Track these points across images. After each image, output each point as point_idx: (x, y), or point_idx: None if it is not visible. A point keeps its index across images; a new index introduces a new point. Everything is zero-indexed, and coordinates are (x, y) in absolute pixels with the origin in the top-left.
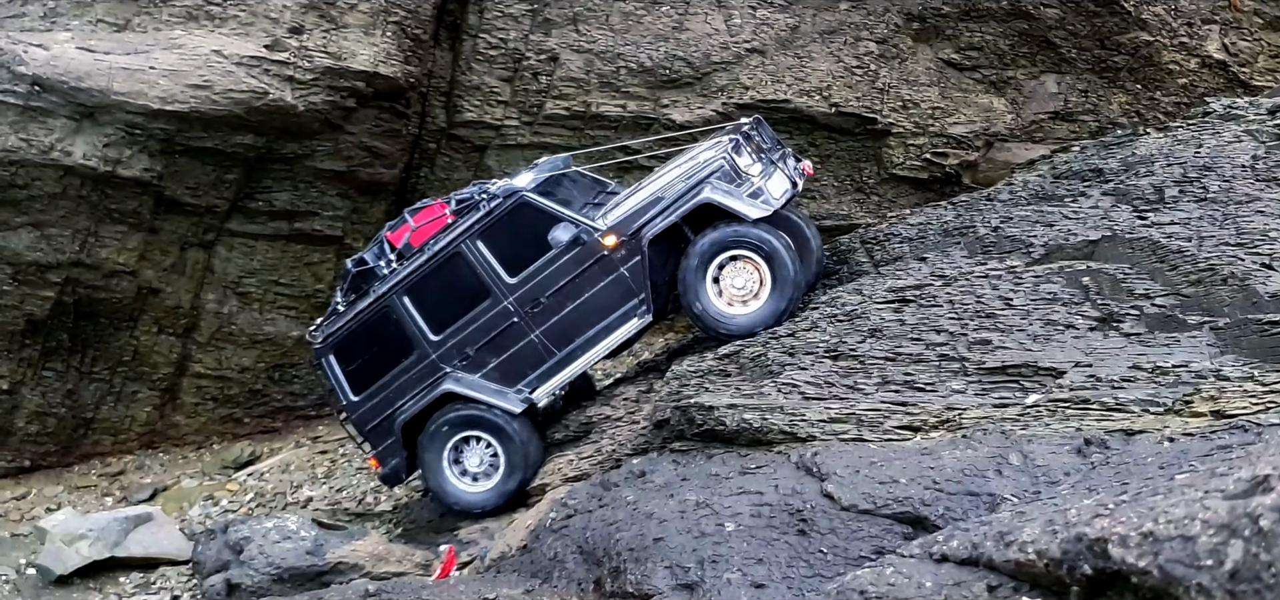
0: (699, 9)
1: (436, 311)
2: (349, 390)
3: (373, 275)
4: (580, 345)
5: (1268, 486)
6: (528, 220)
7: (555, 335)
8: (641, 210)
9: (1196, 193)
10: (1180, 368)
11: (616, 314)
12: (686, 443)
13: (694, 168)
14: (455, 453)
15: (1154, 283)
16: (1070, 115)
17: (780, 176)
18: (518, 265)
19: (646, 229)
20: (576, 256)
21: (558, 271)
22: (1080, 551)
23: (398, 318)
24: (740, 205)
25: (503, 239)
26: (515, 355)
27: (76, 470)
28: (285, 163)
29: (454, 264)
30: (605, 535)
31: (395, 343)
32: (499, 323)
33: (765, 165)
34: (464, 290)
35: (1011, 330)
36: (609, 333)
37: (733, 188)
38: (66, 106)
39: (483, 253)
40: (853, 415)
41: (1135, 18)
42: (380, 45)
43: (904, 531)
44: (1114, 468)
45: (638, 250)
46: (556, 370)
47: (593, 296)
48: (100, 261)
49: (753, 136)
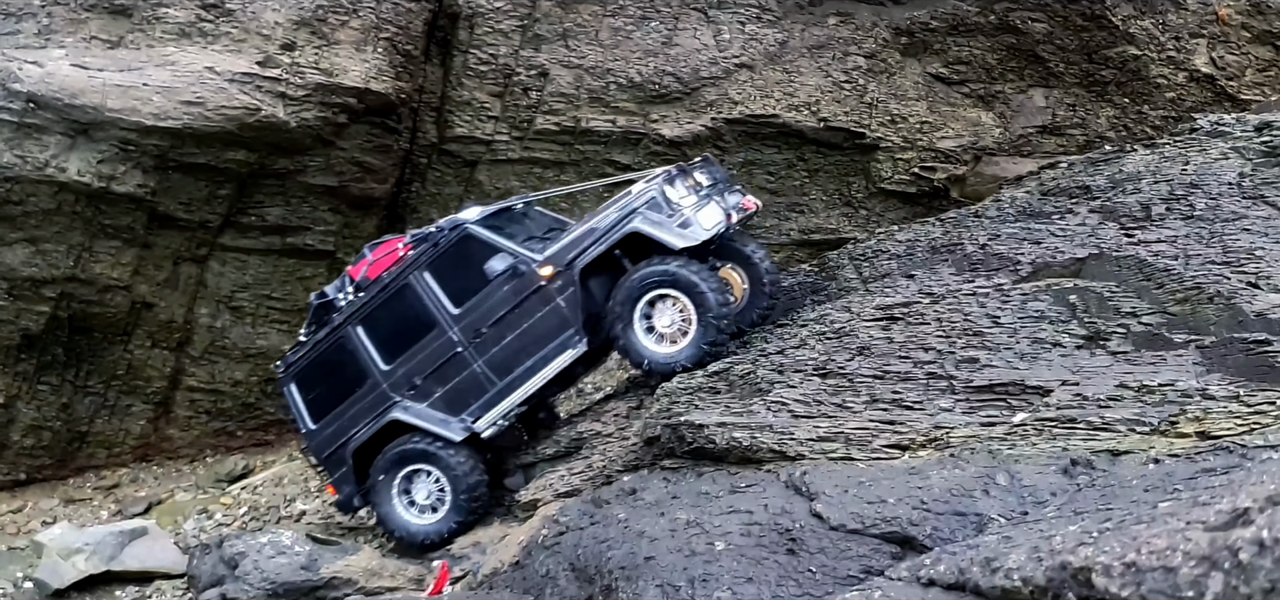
0: (688, 25)
1: (388, 342)
2: (308, 418)
3: (333, 307)
4: (520, 374)
5: (1248, 519)
6: (471, 252)
7: (497, 365)
8: (576, 241)
9: (1183, 210)
10: (1166, 386)
11: (553, 344)
12: (677, 460)
13: (628, 200)
14: (405, 484)
15: (1141, 301)
16: (1058, 129)
17: (714, 208)
18: (462, 296)
19: (578, 259)
20: (515, 287)
21: (498, 302)
22: (1065, 580)
23: (352, 348)
24: (666, 235)
25: (448, 270)
26: (459, 385)
27: (72, 483)
28: (277, 178)
29: (403, 295)
30: (597, 553)
31: (350, 372)
32: (444, 352)
33: (700, 198)
34: (413, 321)
35: (999, 349)
36: (546, 362)
37: (661, 218)
38: (61, 123)
39: (429, 284)
40: (841, 434)
41: (1123, 32)
42: (371, 61)
43: (892, 552)
44: (1099, 490)
45: (572, 281)
46: (498, 399)
47: (531, 327)
48: (94, 276)
49: (689, 171)
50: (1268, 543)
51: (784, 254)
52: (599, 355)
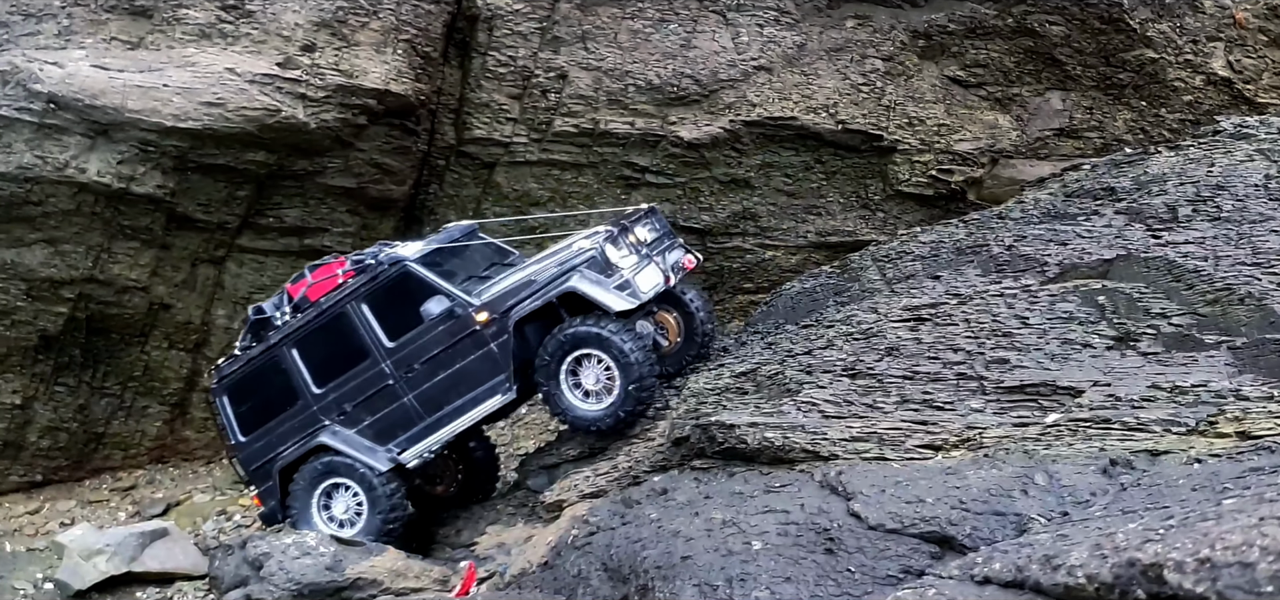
0: (706, 27)
1: (321, 366)
2: (237, 430)
3: (269, 324)
4: (449, 413)
5: None
6: (409, 288)
7: (426, 400)
8: (514, 290)
9: (1210, 212)
10: (1199, 387)
11: (483, 387)
12: (707, 461)
13: (568, 255)
14: (325, 499)
15: (1170, 302)
16: (1075, 132)
17: (653, 270)
18: (397, 330)
19: (515, 310)
20: (450, 328)
21: (432, 341)
22: (1133, 576)
23: (286, 368)
24: (604, 296)
25: (385, 304)
26: (388, 415)
27: (88, 485)
28: (296, 179)
29: (339, 322)
30: (630, 553)
31: (282, 391)
32: (376, 383)
33: (640, 258)
34: (347, 348)
35: (1028, 349)
36: (475, 404)
37: (600, 277)
38: (81, 124)
39: (365, 315)
40: (874, 434)
41: (1140, 35)
42: (391, 63)
43: (931, 551)
44: (1145, 490)
45: (505, 329)
46: (426, 434)
47: (463, 368)
48: (112, 277)
49: (634, 229)
50: None
51: (801, 256)
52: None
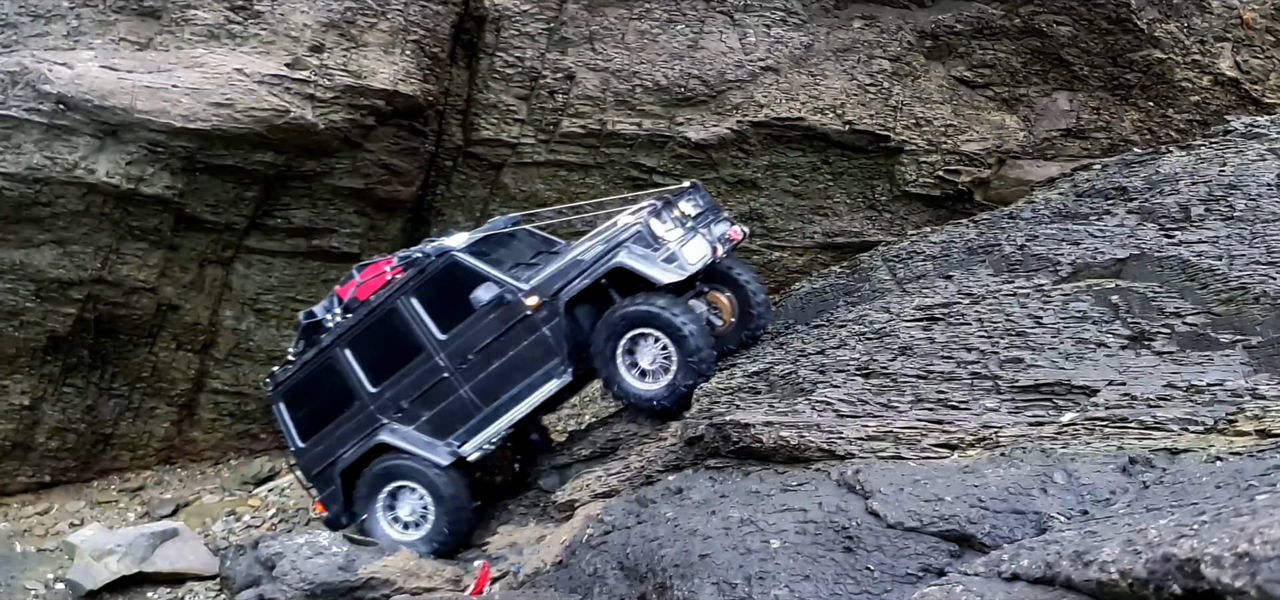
0: (714, 28)
1: (375, 364)
2: (297, 436)
3: (321, 328)
4: (506, 401)
5: None
6: (458, 278)
7: (483, 391)
8: (562, 272)
9: (1223, 211)
10: (1215, 386)
11: (538, 373)
12: (721, 460)
13: (613, 232)
14: (390, 500)
15: (1184, 301)
16: (1082, 132)
17: (700, 242)
18: (448, 322)
19: (564, 291)
20: (501, 316)
21: (484, 329)
22: (1169, 571)
23: (340, 369)
24: (652, 270)
25: (434, 296)
26: (446, 409)
27: (96, 486)
28: (304, 180)
29: (390, 319)
30: (647, 552)
31: (337, 393)
32: (431, 377)
33: (686, 231)
34: (399, 344)
35: (1043, 348)
36: (532, 391)
37: (647, 252)
38: (90, 125)
39: (416, 309)
40: (890, 433)
41: (1148, 35)
42: (399, 64)
43: (951, 549)
44: (1168, 487)
45: (557, 311)
46: (485, 425)
47: (516, 355)
48: (121, 278)
49: (677, 203)
50: None
51: (808, 257)
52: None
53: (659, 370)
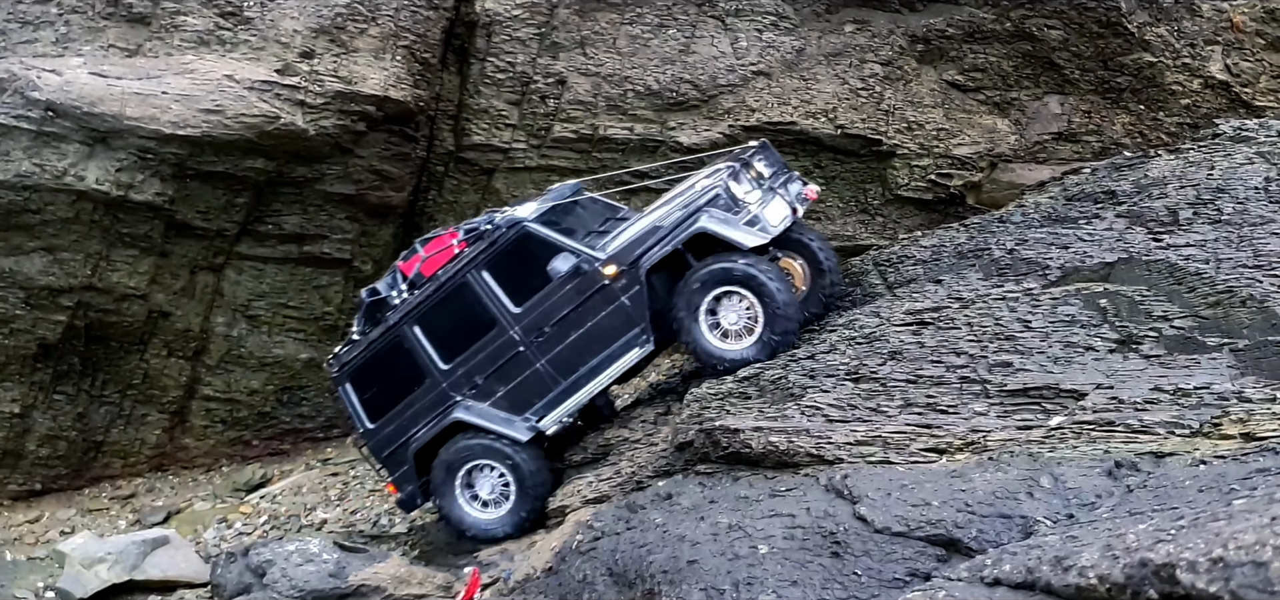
0: (705, 32)
1: (446, 340)
2: (365, 417)
3: (386, 305)
4: (585, 374)
5: None
6: (530, 250)
7: (560, 364)
8: (640, 239)
9: (1211, 215)
10: (1202, 389)
11: (619, 343)
12: (711, 465)
13: (692, 196)
14: (468, 479)
15: (1172, 305)
16: (1074, 136)
17: (779, 203)
18: (522, 295)
19: (644, 258)
20: (578, 286)
21: (561, 301)
22: (1145, 576)
23: (409, 347)
24: (735, 233)
25: (507, 268)
26: (522, 384)
27: (87, 493)
28: (295, 186)
29: (461, 294)
30: (636, 557)
31: (407, 371)
32: (506, 351)
33: (764, 192)
34: (471, 319)
35: (1031, 352)
36: (612, 361)
37: (729, 216)
38: (79, 132)
39: (488, 282)
40: (878, 438)
41: (1138, 39)
42: (390, 69)
43: (938, 554)
44: (1152, 491)
45: (637, 280)
46: (563, 398)
47: (595, 325)
48: (111, 285)
49: (752, 163)
50: None
51: None
52: (662, 349)
53: (742, 331)
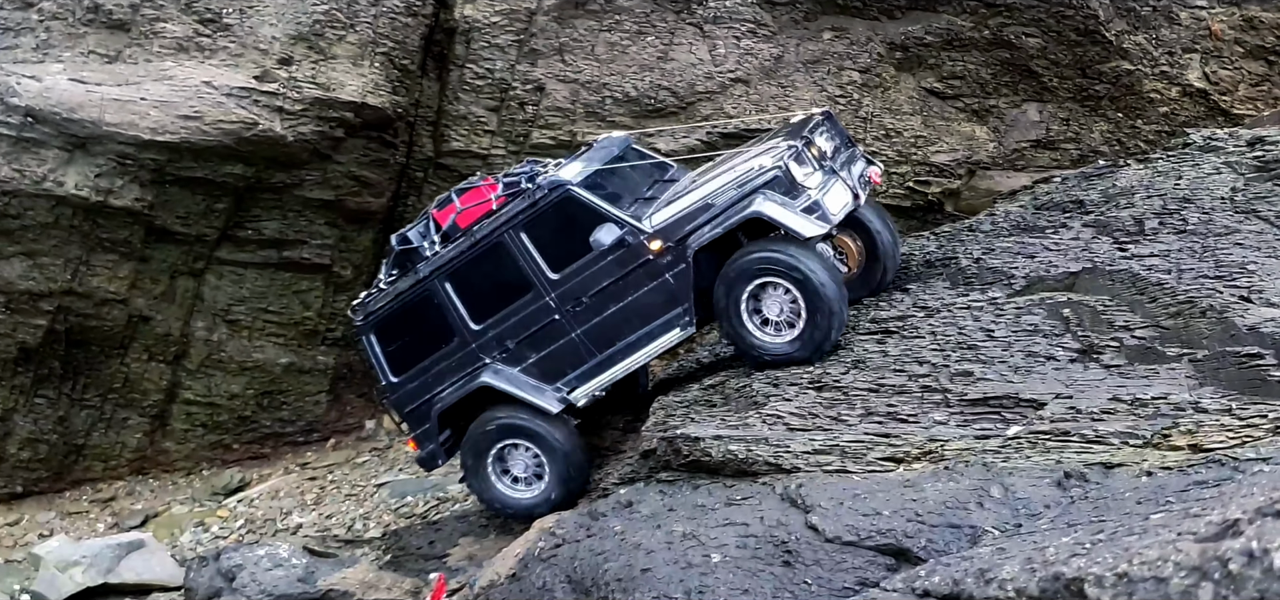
0: (683, 39)
1: (477, 300)
2: (388, 370)
3: (417, 255)
4: (622, 349)
5: (1237, 530)
6: (572, 215)
7: (596, 336)
8: (690, 215)
9: (1176, 224)
10: (1159, 400)
11: (659, 321)
12: (673, 473)
13: (748, 174)
14: (500, 459)
15: (1134, 315)
16: (1052, 143)
17: (841, 189)
18: (561, 261)
19: (693, 237)
20: (620, 258)
21: (601, 271)
22: (1058, 590)
23: (439, 303)
24: (794, 221)
25: (546, 232)
26: (555, 352)
27: (68, 496)
28: (274, 192)
29: (496, 253)
30: (593, 565)
31: (435, 327)
32: (540, 318)
33: (826, 174)
34: (506, 281)
35: (993, 362)
36: (651, 339)
37: (786, 200)
38: (58, 137)
39: (525, 244)
40: (836, 447)
41: (1116, 47)
42: (368, 76)
43: (887, 563)
44: (1093, 502)
45: (683, 258)
46: (597, 372)
47: (636, 300)
48: (91, 290)
49: (815, 139)
50: (1257, 553)
51: None
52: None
53: (785, 323)
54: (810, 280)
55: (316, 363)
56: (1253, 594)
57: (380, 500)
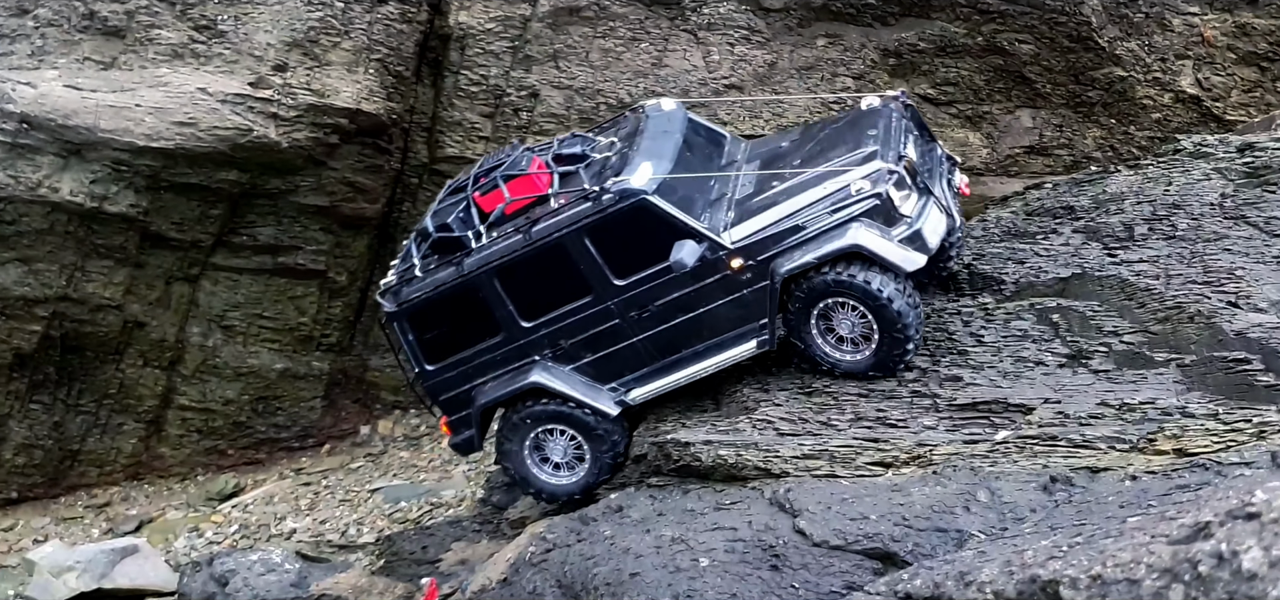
0: (678, 46)
1: (529, 297)
2: (423, 359)
3: (458, 244)
4: (687, 356)
5: (1208, 533)
6: (645, 225)
7: (661, 343)
8: (776, 235)
9: (1165, 230)
10: (1147, 405)
11: (731, 334)
12: (663, 478)
13: (842, 196)
14: (537, 444)
15: (1123, 320)
16: (1045, 150)
17: (937, 215)
18: (628, 269)
19: (780, 261)
20: (695, 271)
21: (672, 283)
22: (1034, 593)
23: (486, 297)
24: (895, 254)
25: (613, 239)
26: (612, 355)
27: (63, 502)
28: (269, 198)
29: (555, 254)
30: (583, 570)
31: (479, 320)
32: (599, 322)
33: (921, 195)
34: (563, 282)
35: (982, 367)
36: (720, 350)
37: (886, 230)
38: (54, 143)
39: (589, 250)
40: (826, 451)
41: (1109, 53)
42: (363, 82)
43: (874, 567)
44: (1076, 506)
45: (766, 276)
46: (657, 376)
47: (708, 311)
48: (87, 296)
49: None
50: (1226, 555)
51: None
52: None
53: (858, 338)
54: (887, 308)
55: (311, 368)
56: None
57: (374, 505)
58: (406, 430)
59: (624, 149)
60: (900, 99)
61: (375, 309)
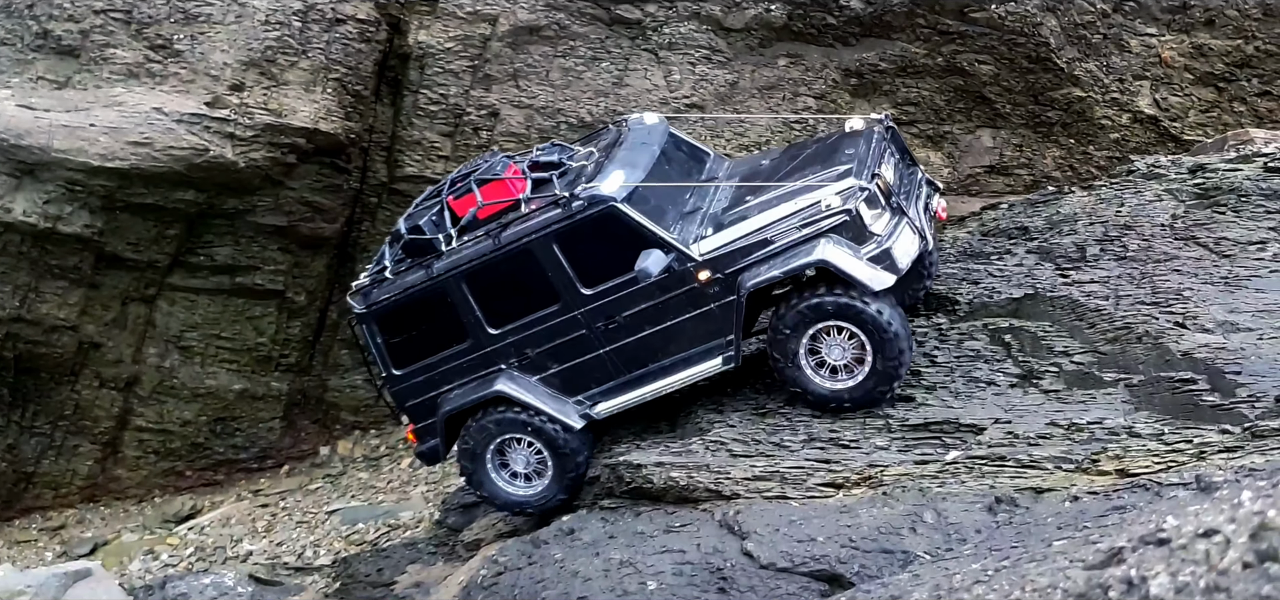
0: (639, 65)
1: (497, 305)
2: (390, 362)
3: (429, 247)
4: (653, 371)
5: (1121, 558)
6: (613, 233)
7: (626, 356)
8: (744, 248)
9: (1117, 251)
10: (1095, 425)
11: (698, 350)
12: (616, 500)
13: (812, 211)
14: (500, 453)
15: (1073, 340)
16: (1006, 169)
17: (909, 234)
18: (595, 277)
19: (747, 275)
20: (663, 282)
21: (639, 293)
22: None
23: (454, 302)
24: (862, 272)
25: (582, 246)
26: (579, 367)
27: (16, 525)
28: (226, 218)
29: (523, 260)
30: (532, 593)
31: (447, 325)
32: (565, 331)
33: (894, 215)
34: (531, 290)
35: (935, 387)
36: (687, 366)
37: (854, 247)
38: (6, 163)
39: (557, 257)
40: (777, 473)
41: (1068, 74)
42: (321, 102)
43: (820, 589)
44: (1016, 528)
45: (733, 291)
46: (623, 390)
47: (675, 325)
48: (41, 317)
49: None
50: (1135, 581)
51: None
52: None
53: (850, 363)
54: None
55: (270, 389)
56: None
57: (331, 527)
58: (366, 450)
59: (600, 159)
60: (883, 122)
61: (335, 329)
